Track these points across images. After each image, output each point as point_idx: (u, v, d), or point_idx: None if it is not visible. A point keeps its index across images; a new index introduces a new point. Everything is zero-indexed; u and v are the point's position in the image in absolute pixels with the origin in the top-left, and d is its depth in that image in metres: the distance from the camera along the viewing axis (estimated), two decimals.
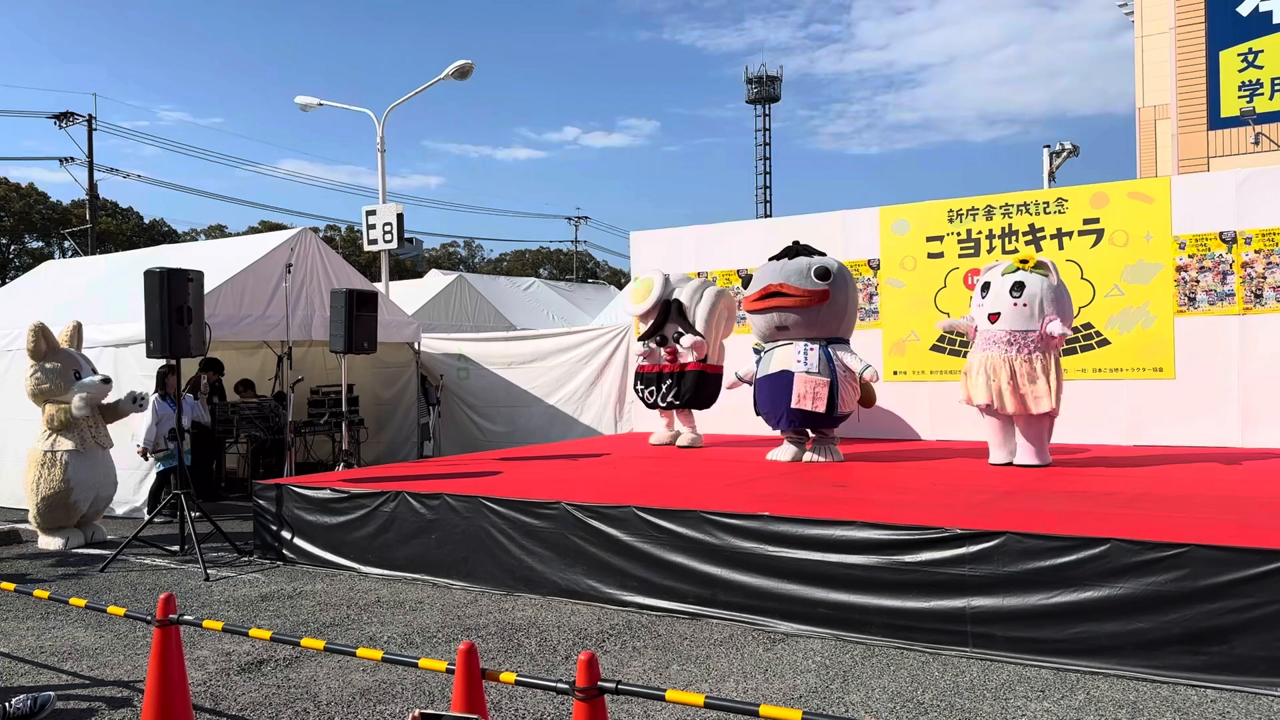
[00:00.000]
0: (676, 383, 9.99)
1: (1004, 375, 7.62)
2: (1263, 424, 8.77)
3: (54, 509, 8.68)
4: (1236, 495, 6.33)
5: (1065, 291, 7.84)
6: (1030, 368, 7.58)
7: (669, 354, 10.00)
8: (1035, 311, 7.57)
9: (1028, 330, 7.59)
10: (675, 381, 9.99)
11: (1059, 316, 7.58)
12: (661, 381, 10.08)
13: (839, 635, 5.43)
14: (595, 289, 26.87)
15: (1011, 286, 7.67)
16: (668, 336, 10.04)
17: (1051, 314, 7.56)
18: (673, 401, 10.06)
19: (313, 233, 12.25)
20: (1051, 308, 7.58)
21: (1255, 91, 16.14)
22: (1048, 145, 24.48)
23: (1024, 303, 7.59)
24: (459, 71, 15.95)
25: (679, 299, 10.00)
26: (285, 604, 6.59)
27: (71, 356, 8.91)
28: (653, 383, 10.16)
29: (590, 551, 6.39)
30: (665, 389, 10.04)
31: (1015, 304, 7.62)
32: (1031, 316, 7.58)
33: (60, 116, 33.55)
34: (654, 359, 10.09)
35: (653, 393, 10.16)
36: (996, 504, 6.16)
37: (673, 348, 9.98)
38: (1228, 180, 9.13)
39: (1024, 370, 7.58)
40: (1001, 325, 7.67)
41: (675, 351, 9.96)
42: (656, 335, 10.10)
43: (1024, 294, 7.61)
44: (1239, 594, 4.49)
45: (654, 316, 10.12)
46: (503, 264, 65.26)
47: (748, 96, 75.32)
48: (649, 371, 10.20)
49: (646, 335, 10.18)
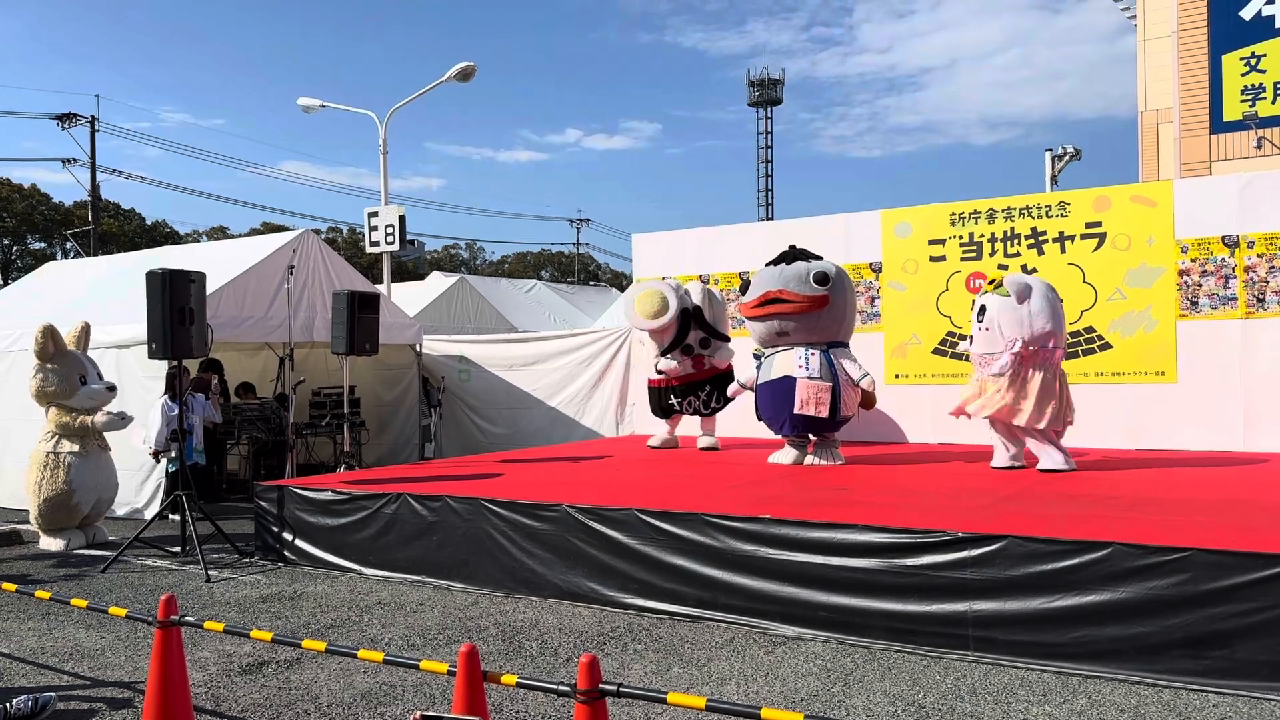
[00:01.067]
0: (714, 386, 9.96)
1: (991, 389, 7.73)
2: (1265, 428, 8.76)
3: (56, 510, 8.68)
4: (1239, 499, 6.32)
5: (1044, 309, 7.61)
6: (1012, 386, 7.62)
7: (695, 363, 9.92)
8: (997, 334, 7.65)
9: (992, 353, 7.69)
10: (713, 386, 9.97)
11: (1017, 335, 7.55)
12: (699, 389, 10.00)
13: (840, 638, 5.43)
14: (597, 291, 26.87)
15: (977, 311, 7.86)
16: (693, 345, 9.91)
17: (1012, 334, 7.56)
18: (716, 406, 10.06)
19: (315, 234, 12.27)
20: (1012, 329, 7.58)
21: (1258, 95, 16.13)
22: (1050, 149, 24.48)
23: (986, 326, 7.73)
24: (461, 74, 15.97)
25: (696, 305, 9.86)
26: (286, 605, 6.59)
27: (78, 359, 8.91)
28: (690, 392, 10.02)
29: (591, 554, 6.39)
30: (705, 395, 10.00)
31: (979, 328, 7.79)
32: (994, 339, 7.67)
33: (63, 118, 33.61)
34: (685, 367, 9.93)
35: (693, 401, 10.04)
36: (998, 507, 6.16)
37: (699, 355, 9.91)
38: (1230, 184, 9.13)
39: (1007, 387, 7.63)
40: (975, 348, 7.88)
41: (702, 359, 9.90)
42: (681, 345, 9.92)
43: (985, 317, 7.74)
44: (1241, 598, 4.48)
45: (675, 329, 9.85)
46: (504, 266, 65.31)
47: (750, 99, 75.48)
48: (679, 383, 10.02)
49: (672, 347, 9.89)
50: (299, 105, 17.48)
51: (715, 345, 9.94)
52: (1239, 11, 16.19)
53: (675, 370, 9.97)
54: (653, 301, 9.82)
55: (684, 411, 10.18)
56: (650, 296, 9.87)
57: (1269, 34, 15.99)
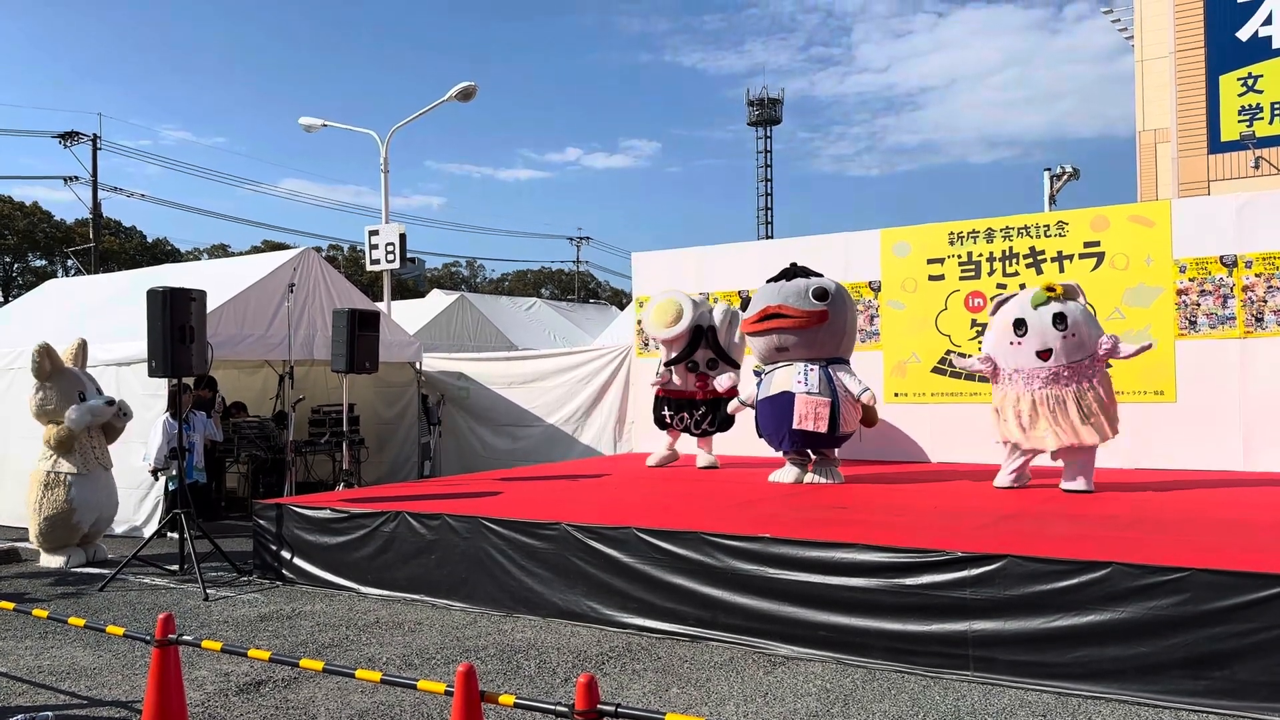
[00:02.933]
0: (711, 410, 9.93)
1: (1072, 408, 7.52)
2: (1264, 448, 8.75)
3: (56, 529, 8.67)
4: (1238, 519, 6.32)
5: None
6: (1095, 394, 7.53)
7: (698, 381, 9.93)
8: (1085, 338, 7.57)
9: (1081, 360, 7.57)
10: (710, 409, 9.94)
11: (1102, 333, 7.65)
12: (695, 408, 10.00)
13: (840, 658, 5.42)
14: (597, 309, 26.91)
15: (1054, 319, 7.59)
16: (699, 362, 9.93)
17: (1099, 333, 7.63)
18: (707, 429, 10.04)
19: (315, 252, 12.30)
20: (1098, 328, 7.67)
21: (1255, 116, 16.20)
22: (1048, 168, 24.58)
23: (1072, 333, 7.55)
24: (462, 93, 16.04)
25: (712, 324, 9.85)
26: (284, 624, 6.57)
27: (76, 377, 8.91)
28: (685, 408, 10.04)
29: (590, 573, 6.37)
30: (700, 416, 9.99)
31: (1065, 336, 7.54)
32: (1082, 345, 7.57)
33: (65, 136, 33.72)
34: (687, 384, 9.95)
35: (684, 418, 10.06)
36: (998, 527, 6.15)
37: (704, 374, 9.90)
38: (1228, 204, 9.16)
39: (1090, 399, 7.52)
40: (1055, 361, 7.57)
41: (706, 378, 9.89)
42: (687, 360, 9.96)
43: (1069, 324, 7.56)
44: (1241, 619, 4.47)
45: (684, 341, 9.89)
46: (504, 284, 65.44)
47: (749, 119, 75.76)
48: (679, 397, 10.04)
49: (676, 360, 9.96)
50: (301, 124, 17.56)
51: (721, 368, 9.89)
52: (1236, 32, 16.28)
53: (663, 379, 10.05)
54: (669, 310, 9.87)
55: (675, 427, 10.19)
56: (668, 305, 9.91)
57: (1266, 54, 16.06)
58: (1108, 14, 23.26)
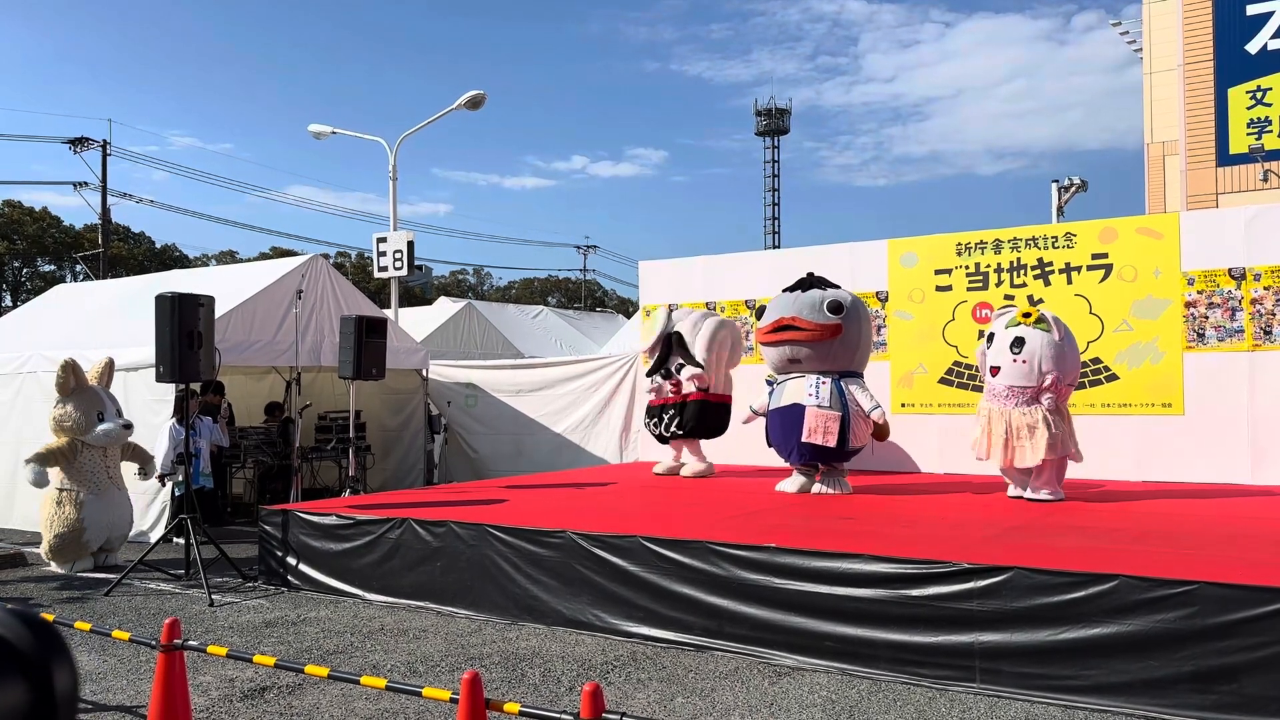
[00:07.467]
0: (679, 412, 10.06)
1: (999, 429, 7.65)
2: (1272, 461, 8.72)
3: (66, 546, 8.66)
4: (1246, 532, 6.29)
5: (1071, 345, 7.80)
6: (1028, 421, 7.56)
7: (673, 386, 10.08)
8: (1034, 368, 7.57)
9: (1025, 386, 7.60)
10: (678, 411, 10.07)
11: (1058, 372, 7.54)
12: (664, 413, 10.17)
13: (845, 669, 5.40)
14: (603, 318, 26.94)
15: (1012, 341, 7.67)
16: (671, 369, 10.12)
17: (1050, 369, 7.54)
18: (675, 431, 10.09)
19: (324, 259, 12.33)
20: (1051, 364, 7.55)
21: (1264, 128, 16.18)
22: (1056, 180, 24.56)
23: (1023, 359, 7.59)
24: (471, 101, 16.08)
25: (679, 331, 10.12)
26: (289, 630, 6.57)
27: (97, 395, 8.87)
28: (656, 414, 10.29)
29: (596, 581, 6.37)
30: (668, 419, 10.11)
31: (1015, 359, 7.62)
32: (1031, 373, 7.58)
33: (75, 141, 33.86)
34: (661, 392, 10.18)
35: (657, 424, 10.24)
36: (1005, 538, 6.13)
37: (677, 380, 10.06)
38: (1237, 217, 9.15)
39: (1021, 424, 7.58)
40: (1001, 379, 7.70)
41: (679, 383, 10.04)
42: (661, 369, 10.19)
43: (1024, 350, 7.60)
44: (1249, 632, 4.45)
45: (657, 350, 10.26)
46: (511, 292, 65.51)
47: (757, 129, 75.88)
48: (655, 405, 10.35)
49: (653, 370, 10.31)
50: (310, 132, 17.61)
51: (689, 370, 10.03)
52: (1244, 45, 16.27)
53: (650, 386, 10.36)
54: (650, 324, 10.31)
55: (650, 433, 10.48)
56: (649, 324, 10.37)
57: (1275, 68, 16.06)
58: (1116, 26, 23.28)
